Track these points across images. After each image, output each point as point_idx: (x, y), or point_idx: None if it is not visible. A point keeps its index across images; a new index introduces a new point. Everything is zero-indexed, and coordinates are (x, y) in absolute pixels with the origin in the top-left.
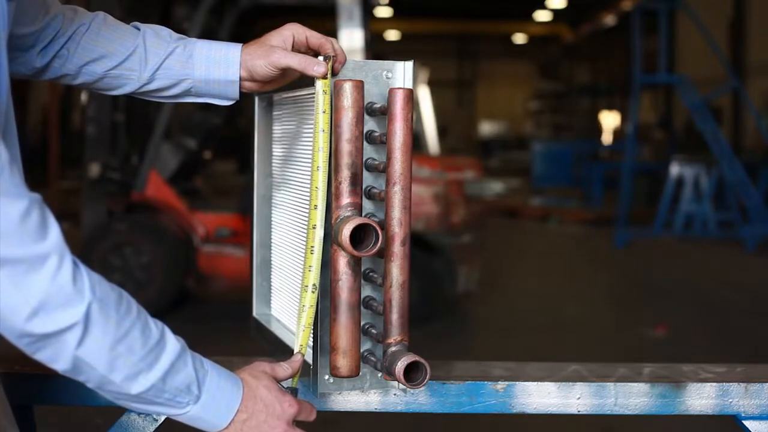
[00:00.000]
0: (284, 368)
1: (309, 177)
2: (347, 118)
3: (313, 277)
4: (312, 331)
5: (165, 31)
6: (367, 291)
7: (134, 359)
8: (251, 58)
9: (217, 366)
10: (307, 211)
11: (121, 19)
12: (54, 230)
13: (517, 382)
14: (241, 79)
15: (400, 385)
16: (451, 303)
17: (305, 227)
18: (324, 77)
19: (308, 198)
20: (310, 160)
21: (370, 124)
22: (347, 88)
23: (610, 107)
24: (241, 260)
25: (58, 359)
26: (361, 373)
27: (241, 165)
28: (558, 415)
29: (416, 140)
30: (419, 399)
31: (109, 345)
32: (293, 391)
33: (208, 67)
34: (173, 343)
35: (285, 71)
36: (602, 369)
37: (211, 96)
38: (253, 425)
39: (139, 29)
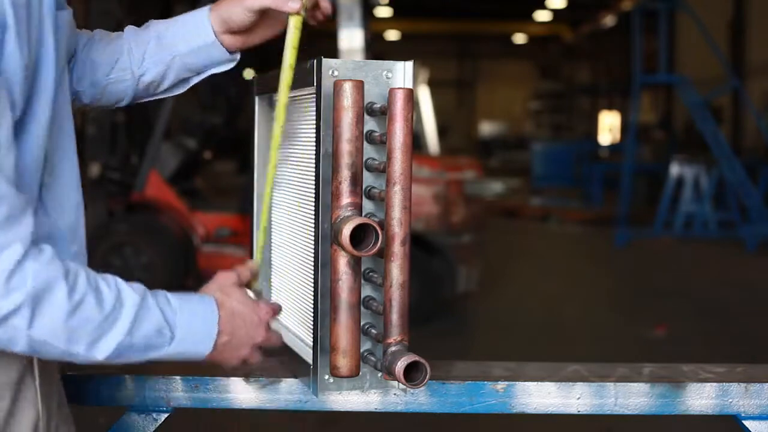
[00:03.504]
0: (245, 272)
1: (309, 177)
2: (347, 118)
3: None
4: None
5: (145, 25)
6: (367, 291)
7: (92, 327)
8: (226, 9)
9: (187, 296)
10: (308, 211)
11: (121, 19)
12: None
13: (517, 382)
14: (220, 33)
15: (400, 385)
16: (451, 303)
17: (305, 227)
18: (297, 14)
19: (308, 198)
20: (310, 160)
21: (370, 124)
22: (347, 88)
23: (610, 107)
24: (241, 260)
25: (14, 342)
26: (361, 373)
27: (241, 165)
28: (558, 415)
29: (416, 140)
30: (419, 399)
31: (62, 320)
32: (259, 294)
33: (186, 38)
34: (131, 296)
35: (262, 15)
36: (602, 369)
37: (207, 66)
38: (236, 343)
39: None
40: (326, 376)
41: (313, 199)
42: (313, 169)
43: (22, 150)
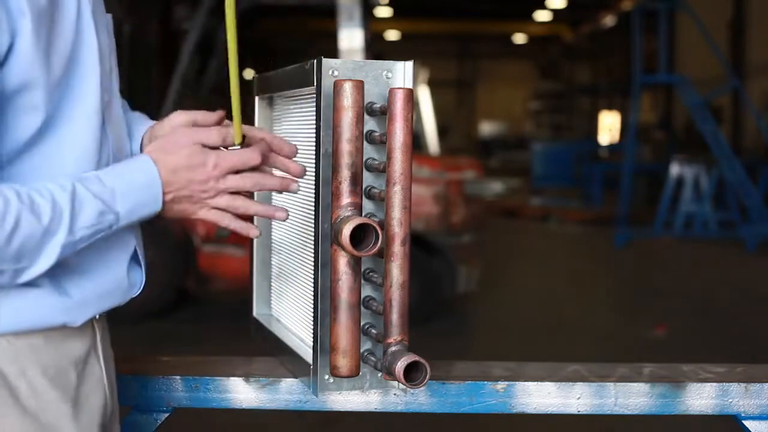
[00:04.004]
0: (210, 132)
1: (309, 177)
2: (347, 118)
3: None
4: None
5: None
6: (367, 291)
7: (35, 242)
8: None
9: (121, 167)
10: (308, 211)
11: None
12: None
13: (517, 382)
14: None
15: (400, 385)
16: (451, 303)
17: (305, 228)
18: None
19: (308, 198)
20: (310, 160)
21: (370, 124)
22: (347, 88)
23: (610, 107)
24: (241, 260)
25: None
26: (361, 373)
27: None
28: (558, 415)
29: (416, 140)
30: (419, 399)
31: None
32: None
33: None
34: (62, 196)
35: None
36: (602, 369)
37: None
38: (188, 198)
39: None
40: (326, 376)
41: (313, 199)
42: (313, 169)
43: (65, 135)
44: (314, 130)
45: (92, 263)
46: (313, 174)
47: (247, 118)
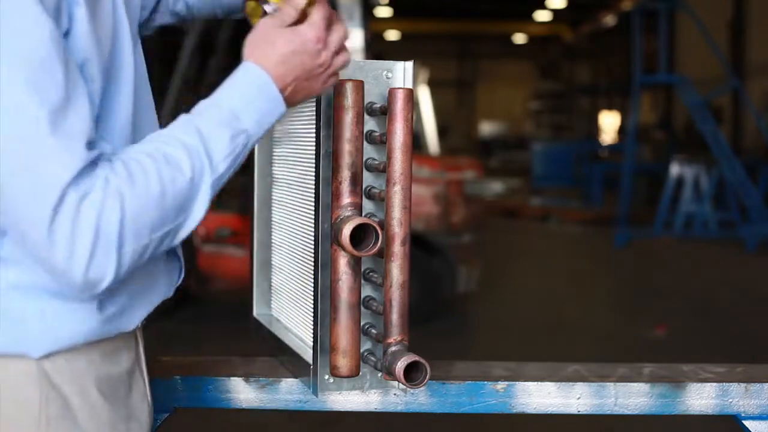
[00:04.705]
0: (288, 12)
1: (309, 177)
2: (347, 118)
3: None
4: None
5: None
6: (367, 291)
7: (185, 193)
8: None
9: (228, 85)
10: (308, 211)
11: None
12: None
13: (517, 382)
14: None
15: (400, 385)
16: (451, 303)
17: (305, 228)
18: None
19: (308, 198)
20: (310, 160)
21: (370, 124)
22: (347, 88)
23: (610, 107)
24: (241, 260)
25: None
26: (361, 373)
27: (240, 165)
28: (558, 415)
29: (416, 140)
30: (419, 399)
31: (154, 208)
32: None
33: None
34: (189, 137)
35: None
36: (602, 369)
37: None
38: (306, 80)
39: None
40: (326, 376)
41: (313, 199)
42: (313, 169)
43: (110, 126)
44: (314, 130)
45: None
46: (313, 174)
47: None
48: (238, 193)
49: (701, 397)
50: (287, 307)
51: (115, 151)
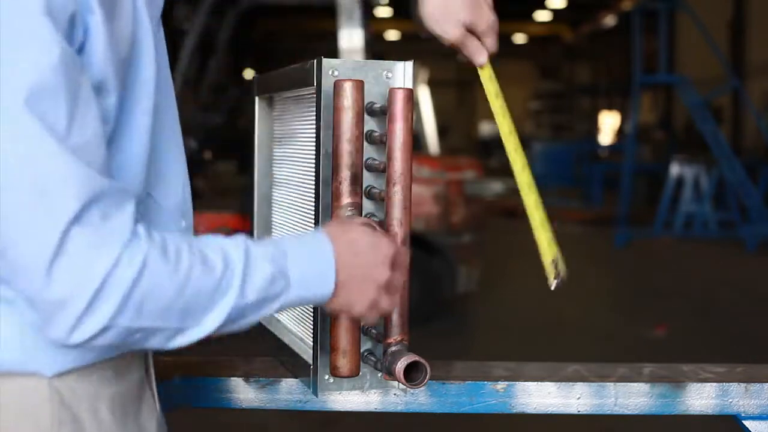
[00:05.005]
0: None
1: (309, 177)
2: (347, 118)
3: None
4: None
5: None
6: None
7: (204, 299)
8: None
9: (295, 236)
10: (308, 211)
11: None
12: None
13: (517, 382)
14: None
15: (400, 385)
16: (451, 303)
17: (305, 228)
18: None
19: (308, 198)
20: (310, 160)
21: (370, 124)
22: (347, 88)
23: (610, 107)
24: None
25: (128, 339)
26: (361, 373)
27: (241, 165)
28: (558, 415)
29: (416, 140)
30: (419, 399)
31: (171, 300)
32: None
33: None
34: (236, 253)
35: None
36: (602, 369)
37: None
38: (360, 280)
39: None
40: (326, 376)
41: (313, 199)
42: (313, 169)
43: (129, 137)
44: (314, 130)
45: None
46: (313, 174)
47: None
48: (239, 193)
49: (701, 397)
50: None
51: (132, 170)
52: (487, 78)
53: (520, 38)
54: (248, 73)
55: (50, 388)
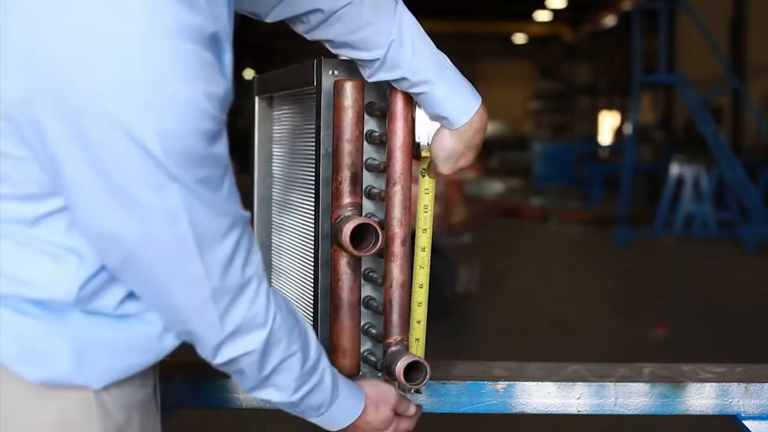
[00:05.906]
0: (408, 406)
1: (309, 177)
2: (347, 118)
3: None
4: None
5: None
6: (367, 291)
7: (289, 380)
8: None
9: (349, 383)
10: (308, 211)
11: None
12: (256, 254)
13: (517, 382)
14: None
15: (400, 385)
16: (451, 303)
17: (305, 228)
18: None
19: (308, 198)
20: (310, 160)
21: (370, 124)
22: (347, 88)
23: (610, 107)
24: None
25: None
26: (361, 373)
27: (241, 165)
28: (558, 415)
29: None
30: (419, 399)
31: (272, 365)
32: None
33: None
34: (322, 366)
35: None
36: (602, 369)
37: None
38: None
39: None
40: None
41: (313, 199)
42: (313, 169)
43: None
44: (314, 130)
45: None
46: (313, 174)
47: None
48: (238, 193)
49: (701, 397)
50: None
51: None
52: (423, 191)
53: (520, 38)
54: (248, 73)
55: (97, 401)
